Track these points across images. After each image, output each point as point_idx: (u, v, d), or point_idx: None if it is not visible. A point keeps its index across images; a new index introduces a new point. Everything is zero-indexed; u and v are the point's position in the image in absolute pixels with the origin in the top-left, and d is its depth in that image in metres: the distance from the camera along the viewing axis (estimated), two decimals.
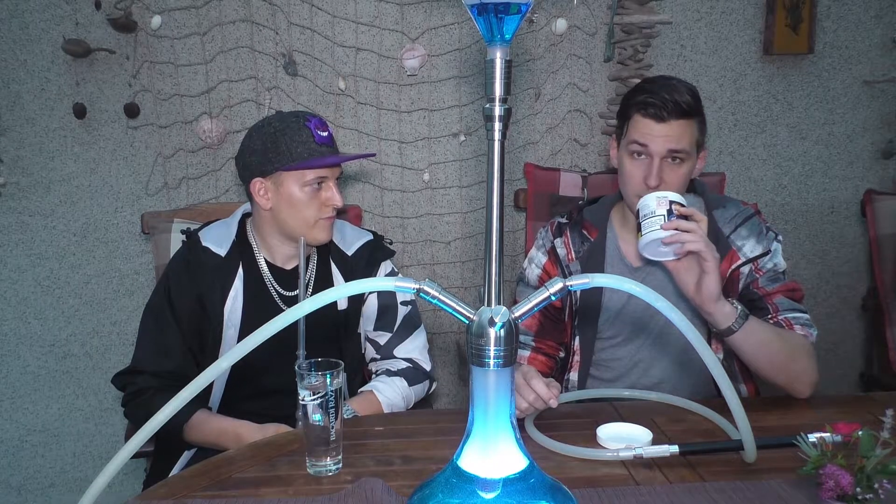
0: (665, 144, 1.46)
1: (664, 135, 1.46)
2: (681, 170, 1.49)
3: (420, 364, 1.70)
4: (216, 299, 1.57)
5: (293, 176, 1.52)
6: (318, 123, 1.54)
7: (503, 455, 0.80)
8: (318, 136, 1.52)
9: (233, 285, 1.59)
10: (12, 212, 2.26)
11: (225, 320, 1.57)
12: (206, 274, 1.58)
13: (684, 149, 1.47)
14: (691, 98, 1.46)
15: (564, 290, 0.83)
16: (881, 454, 0.97)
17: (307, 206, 1.54)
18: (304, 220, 1.55)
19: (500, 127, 0.78)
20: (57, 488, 2.43)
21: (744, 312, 1.35)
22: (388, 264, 1.74)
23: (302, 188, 1.53)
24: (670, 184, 1.47)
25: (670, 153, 1.46)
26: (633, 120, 1.50)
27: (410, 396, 1.66)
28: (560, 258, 1.65)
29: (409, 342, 1.71)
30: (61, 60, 2.20)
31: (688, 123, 1.47)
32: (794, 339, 1.43)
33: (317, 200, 1.54)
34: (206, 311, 1.57)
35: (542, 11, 2.34)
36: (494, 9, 0.74)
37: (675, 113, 1.45)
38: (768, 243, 1.54)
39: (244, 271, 1.61)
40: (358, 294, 1.66)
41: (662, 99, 1.45)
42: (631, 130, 1.50)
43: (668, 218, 1.33)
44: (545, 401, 1.26)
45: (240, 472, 1.17)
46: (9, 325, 2.31)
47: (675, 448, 1.16)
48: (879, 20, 2.52)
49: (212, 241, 1.61)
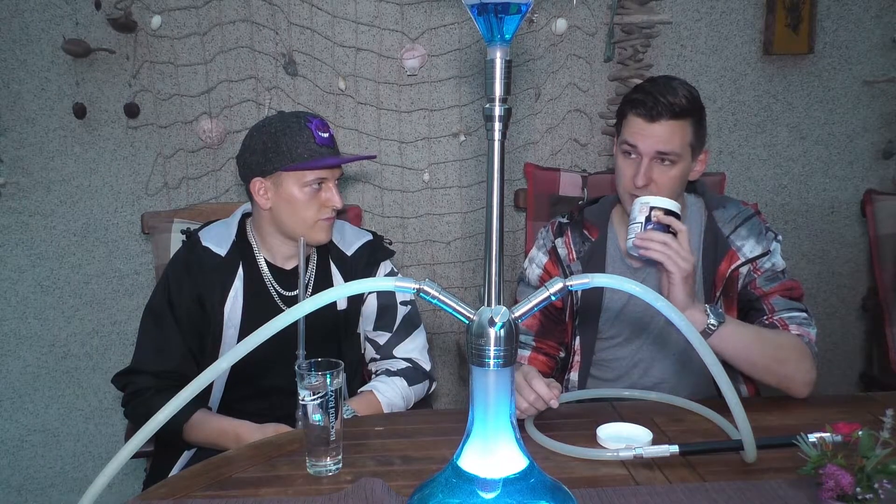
0: (653, 145, 1.46)
1: (653, 135, 1.46)
2: (671, 171, 1.48)
3: (420, 364, 1.70)
4: (216, 299, 1.57)
5: (293, 176, 1.52)
6: (319, 124, 1.54)
7: (503, 455, 0.80)
8: (319, 136, 1.52)
9: (233, 285, 1.58)
10: (12, 212, 2.26)
11: (225, 320, 1.57)
12: (206, 274, 1.58)
13: (673, 150, 1.46)
14: (686, 100, 1.46)
15: (565, 290, 0.83)
16: (881, 454, 0.97)
17: (306, 207, 1.54)
18: (303, 220, 1.54)
19: (500, 127, 0.78)
20: (57, 488, 2.43)
21: (717, 320, 1.35)
22: (387, 264, 1.74)
23: (301, 189, 1.52)
24: (660, 185, 1.47)
25: (658, 154, 1.47)
26: (627, 119, 1.51)
27: (410, 396, 1.65)
28: (561, 258, 1.65)
29: (409, 342, 1.70)
30: (61, 60, 2.20)
31: (679, 125, 1.46)
32: (781, 341, 1.42)
33: (316, 201, 1.54)
34: (205, 310, 1.57)
35: (542, 11, 2.34)
36: (494, 9, 0.74)
37: (667, 113, 1.45)
38: (768, 243, 1.54)
39: (244, 271, 1.60)
40: (357, 294, 1.66)
41: (654, 99, 1.45)
42: (623, 129, 1.52)
43: (645, 226, 1.37)
44: (546, 401, 1.26)
45: (240, 472, 1.17)
46: (9, 325, 2.31)
47: (675, 448, 1.16)
48: (879, 20, 2.52)
49: (212, 241, 1.60)
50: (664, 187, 1.47)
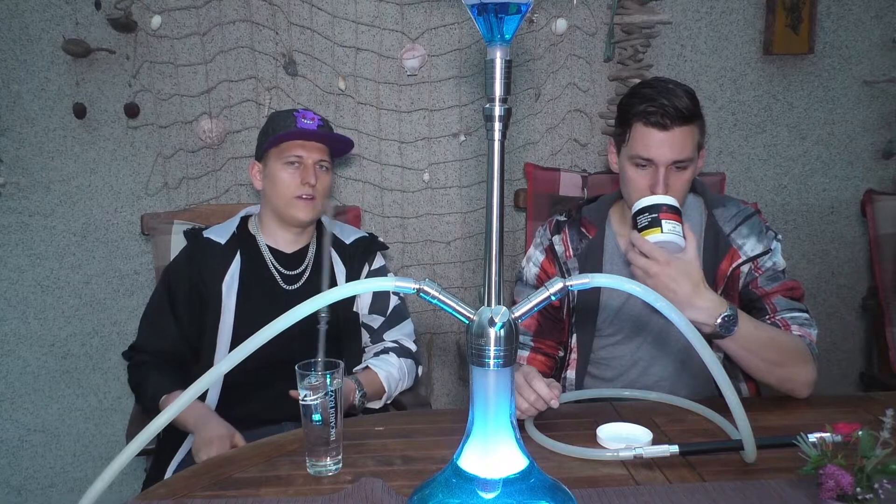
0: (669, 155, 1.44)
1: (668, 144, 1.44)
2: (685, 175, 1.48)
3: (405, 345, 1.81)
4: (214, 277, 1.70)
5: (275, 154, 1.70)
6: (306, 114, 1.71)
7: (503, 455, 0.80)
8: (301, 122, 1.69)
9: (230, 266, 1.71)
10: (12, 212, 2.26)
11: (223, 296, 1.69)
12: (206, 259, 1.71)
13: (688, 157, 1.46)
14: (690, 102, 1.45)
15: (565, 290, 0.83)
16: (881, 454, 0.97)
17: (285, 185, 1.69)
18: (282, 196, 1.70)
19: (500, 127, 0.78)
20: (57, 488, 2.43)
21: (732, 311, 1.31)
22: (381, 257, 1.87)
23: (283, 166, 1.69)
24: (675, 189, 1.46)
25: (675, 164, 1.45)
26: (635, 129, 1.47)
27: (402, 367, 1.77)
28: (558, 255, 1.65)
29: (397, 329, 1.83)
30: (61, 60, 2.20)
31: (690, 129, 1.45)
32: (782, 344, 1.40)
33: (295, 179, 1.69)
34: (203, 291, 1.69)
35: (542, 11, 2.35)
36: (494, 9, 0.74)
37: (678, 120, 1.43)
38: (768, 242, 1.54)
39: (242, 255, 1.73)
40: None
41: (663, 106, 1.42)
42: (633, 141, 1.48)
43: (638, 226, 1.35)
44: (546, 401, 1.26)
45: (240, 471, 1.17)
46: (9, 325, 2.31)
47: (675, 448, 1.16)
48: (879, 20, 2.52)
49: (212, 234, 1.75)
50: (678, 191, 1.47)
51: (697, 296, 1.29)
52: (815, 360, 1.43)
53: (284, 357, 1.26)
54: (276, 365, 1.39)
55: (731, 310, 1.30)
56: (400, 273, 2.42)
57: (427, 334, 2.46)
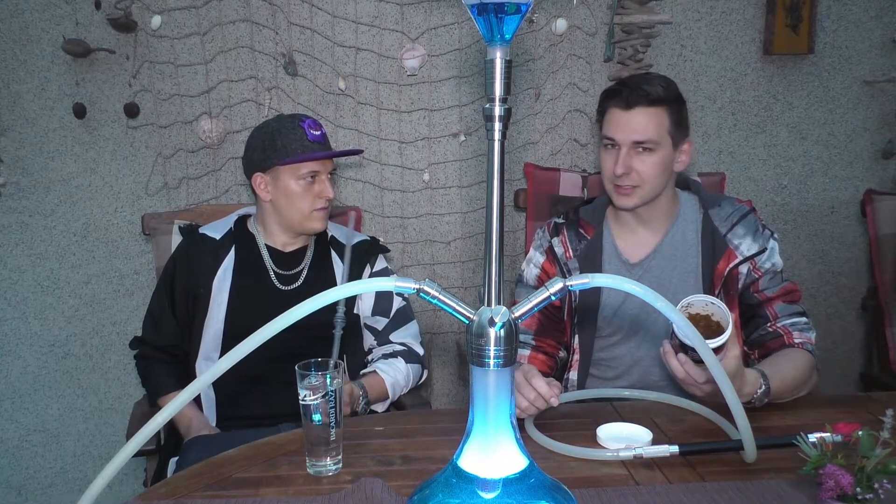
0: (630, 134, 1.50)
1: (629, 123, 1.50)
2: (651, 158, 1.51)
3: (414, 348, 1.82)
4: (206, 271, 1.73)
5: (288, 170, 1.68)
6: (312, 124, 1.70)
7: (503, 455, 0.80)
8: (311, 134, 1.68)
9: (224, 260, 1.74)
10: (12, 212, 2.26)
11: (214, 287, 1.72)
12: (199, 252, 1.75)
13: (650, 138, 1.50)
14: (662, 89, 1.50)
15: (565, 290, 0.83)
16: (881, 454, 0.97)
17: (302, 198, 1.70)
18: (299, 210, 1.70)
19: (500, 127, 0.78)
20: (57, 488, 2.43)
21: (762, 395, 1.32)
22: (382, 259, 1.87)
23: (297, 181, 1.68)
24: (640, 172, 1.51)
25: (635, 144, 1.50)
26: (606, 113, 1.55)
27: (409, 374, 1.76)
28: (558, 256, 1.65)
29: (403, 330, 1.83)
30: (61, 60, 2.20)
31: (655, 111, 1.50)
32: (797, 376, 1.41)
33: (311, 193, 1.70)
34: (196, 281, 1.72)
35: (542, 11, 2.34)
36: (494, 9, 0.74)
37: (642, 101, 1.48)
38: (765, 241, 1.55)
39: (237, 250, 1.76)
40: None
41: (628, 88, 1.50)
42: (603, 124, 1.56)
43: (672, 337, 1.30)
44: (546, 399, 1.26)
45: (240, 472, 1.17)
46: (9, 325, 2.31)
47: (675, 448, 1.16)
48: (879, 20, 2.52)
49: (208, 230, 1.79)
50: (645, 175, 1.52)
51: (742, 385, 1.29)
52: (816, 364, 1.47)
53: (296, 357, 1.26)
54: (288, 364, 1.39)
55: (764, 382, 1.31)
56: (400, 273, 2.42)
57: (427, 334, 2.46)
